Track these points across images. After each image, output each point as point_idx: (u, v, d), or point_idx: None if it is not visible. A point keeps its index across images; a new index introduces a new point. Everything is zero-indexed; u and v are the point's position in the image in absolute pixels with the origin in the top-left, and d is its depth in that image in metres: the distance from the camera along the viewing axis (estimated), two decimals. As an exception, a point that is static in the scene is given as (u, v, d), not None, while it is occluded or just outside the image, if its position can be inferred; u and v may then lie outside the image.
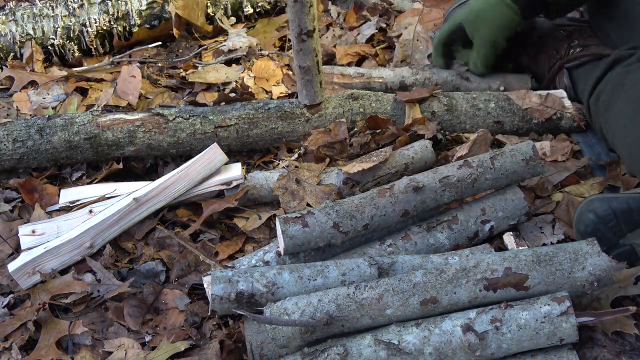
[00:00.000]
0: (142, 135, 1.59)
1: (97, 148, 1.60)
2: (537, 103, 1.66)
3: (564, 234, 1.38)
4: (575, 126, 1.66)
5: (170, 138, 1.60)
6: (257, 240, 1.46)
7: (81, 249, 1.41)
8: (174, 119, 1.60)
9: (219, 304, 1.16)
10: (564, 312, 1.05)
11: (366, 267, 1.21)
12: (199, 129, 1.61)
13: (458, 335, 1.06)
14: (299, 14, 1.45)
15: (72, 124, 1.59)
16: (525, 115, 1.66)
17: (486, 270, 1.10)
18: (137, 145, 1.60)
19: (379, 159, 1.48)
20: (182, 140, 1.61)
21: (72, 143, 1.59)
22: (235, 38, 2.15)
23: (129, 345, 1.24)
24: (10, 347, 1.23)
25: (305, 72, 1.55)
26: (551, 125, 1.67)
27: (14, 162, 1.59)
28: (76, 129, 1.58)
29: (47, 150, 1.59)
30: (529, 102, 1.66)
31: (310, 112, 1.63)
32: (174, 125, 1.60)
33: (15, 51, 2.07)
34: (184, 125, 1.60)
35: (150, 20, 2.16)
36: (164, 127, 1.60)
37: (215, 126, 1.61)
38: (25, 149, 1.58)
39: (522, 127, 1.68)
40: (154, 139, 1.60)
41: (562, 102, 1.66)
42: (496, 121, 1.67)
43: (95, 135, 1.59)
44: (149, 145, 1.60)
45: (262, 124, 1.63)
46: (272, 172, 1.54)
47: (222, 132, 1.61)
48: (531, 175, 1.39)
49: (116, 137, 1.59)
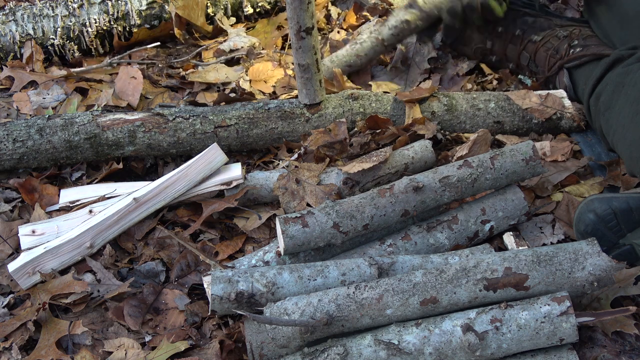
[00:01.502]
0: (142, 135, 1.59)
1: (97, 148, 1.60)
2: (537, 103, 1.66)
3: (564, 234, 1.38)
4: (575, 126, 1.66)
5: (170, 138, 1.60)
6: (257, 240, 1.46)
7: (81, 249, 1.41)
8: (173, 119, 1.60)
9: (219, 304, 1.16)
10: (564, 312, 1.05)
11: (366, 267, 1.21)
12: (199, 129, 1.61)
13: (458, 335, 1.06)
14: (297, 10, 1.45)
15: (72, 124, 1.59)
16: (525, 115, 1.66)
17: (486, 270, 1.10)
18: (137, 145, 1.60)
19: (379, 159, 1.48)
20: (182, 140, 1.61)
21: (72, 143, 1.59)
22: (235, 38, 2.15)
23: (129, 345, 1.24)
24: (10, 347, 1.23)
25: (304, 70, 1.55)
26: (551, 125, 1.67)
27: (14, 162, 1.59)
28: (76, 129, 1.58)
29: (47, 150, 1.59)
30: (528, 102, 1.66)
31: (310, 112, 1.63)
32: (174, 125, 1.60)
33: (15, 51, 2.08)
34: (183, 125, 1.60)
35: (150, 20, 2.16)
36: (164, 127, 1.60)
37: (215, 126, 1.61)
38: (25, 149, 1.58)
39: (522, 127, 1.68)
40: (154, 138, 1.60)
41: (562, 102, 1.66)
42: (496, 121, 1.67)
43: (95, 135, 1.59)
44: (149, 145, 1.60)
45: (262, 123, 1.63)
46: (272, 172, 1.54)
47: (222, 132, 1.61)
48: (531, 175, 1.39)
49: (116, 137, 1.59)
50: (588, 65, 1.65)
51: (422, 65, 1.94)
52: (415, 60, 1.96)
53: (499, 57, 1.90)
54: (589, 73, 1.61)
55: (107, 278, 1.37)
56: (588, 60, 1.66)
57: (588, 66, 1.65)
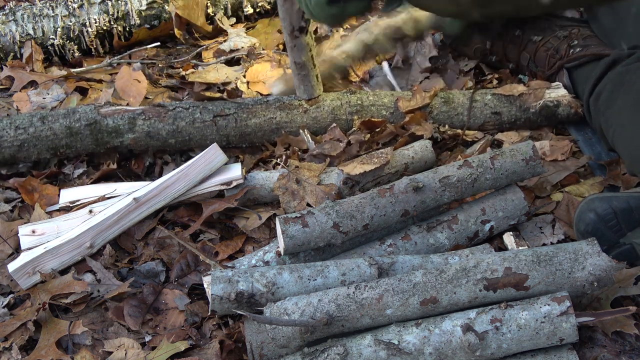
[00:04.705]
0: (142, 122, 1.61)
1: (97, 135, 1.61)
2: (526, 89, 1.67)
3: (564, 234, 1.38)
4: (573, 113, 1.66)
5: (169, 126, 1.61)
6: (257, 240, 1.46)
7: (81, 249, 1.41)
8: (174, 109, 1.63)
9: (219, 304, 1.16)
10: (564, 312, 1.05)
11: (366, 267, 1.21)
12: (198, 117, 1.62)
13: (458, 335, 1.06)
14: (289, 12, 1.48)
15: (74, 113, 1.62)
16: (522, 104, 1.66)
17: (486, 270, 1.10)
18: (137, 132, 1.61)
19: (380, 161, 1.48)
20: (181, 129, 1.62)
21: (72, 129, 1.60)
22: (235, 38, 2.16)
23: (129, 345, 1.24)
24: (10, 347, 1.23)
25: (301, 67, 1.57)
26: (548, 112, 1.67)
27: (15, 149, 1.60)
28: (78, 116, 1.61)
29: (47, 137, 1.60)
30: (517, 92, 1.67)
31: (308, 103, 1.65)
32: (174, 113, 1.62)
33: (15, 51, 2.08)
34: (183, 114, 1.62)
35: (150, 20, 2.16)
36: (163, 116, 1.61)
37: (214, 115, 1.62)
38: (27, 136, 1.60)
39: (520, 117, 1.68)
40: (153, 126, 1.61)
41: (546, 84, 1.68)
42: (494, 112, 1.67)
43: (95, 122, 1.60)
44: (148, 133, 1.61)
45: (261, 113, 1.64)
46: (272, 172, 1.54)
47: (220, 121, 1.62)
48: (531, 175, 1.39)
49: (116, 123, 1.60)
50: (588, 65, 1.65)
51: (423, 64, 1.94)
52: (417, 59, 1.96)
53: (499, 57, 1.90)
54: (589, 73, 1.60)
55: (107, 278, 1.37)
56: (588, 60, 1.66)
57: (588, 66, 1.65)
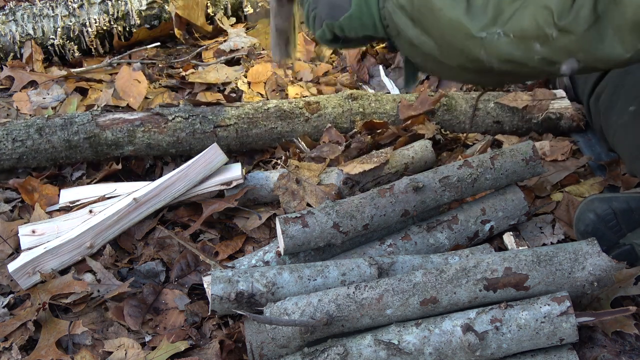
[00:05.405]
0: (142, 134, 1.59)
1: (97, 147, 1.60)
2: (530, 99, 1.66)
3: (564, 234, 1.38)
4: (575, 126, 1.66)
5: (169, 138, 1.60)
6: (257, 240, 1.46)
7: (81, 249, 1.41)
8: (173, 119, 1.60)
9: (219, 304, 1.16)
10: (564, 312, 1.05)
11: (366, 267, 1.21)
12: (198, 128, 1.61)
13: (458, 335, 1.06)
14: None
15: (71, 124, 1.59)
16: (525, 114, 1.66)
17: (486, 270, 1.10)
18: (137, 144, 1.60)
19: (379, 160, 1.48)
20: (181, 140, 1.61)
21: (71, 142, 1.59)
22: (235, 38, 2.16)
23: (129, 345, 1.24)
24: (10, 347, 1.23)
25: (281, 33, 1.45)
26: (550, 124, 1.67)
27: (14, 161, 1.59)
28: (75, 128, 1.58)
29: (46, 149, 1.59)
30: (521, 102, 1.66)
31: (309, 110, 1.64)
32: (173, 125, 1.60)
33: (15, 51, 2.07)
34: (183, 124, 1.60)
35: (150, 20, 2.16)
36: (163, 127, 1.60)
37: (215, 126, 1.61)
38: (25, 149, 1.58)
39: (522, 126, 1.68)
40: (153, 138, 1.60)
41: (552, 93, 1.67)
42: (496, 121, 1.67)
43: (94, 135, 1.59)
44: (148, 144, 1.60)
45: (262, 123, 1.63)
46: (272, 172, 1.54)
47: (221, 132, 1.62)
48: (531, 175, 1.39)
49: (115, 136, 1.59)
50: (588, 66, 1.65)
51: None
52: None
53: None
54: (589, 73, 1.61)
55: (107, 278, 1.37)
56: (588, 60, 1.66)
57: (588, 66, 1.65)
